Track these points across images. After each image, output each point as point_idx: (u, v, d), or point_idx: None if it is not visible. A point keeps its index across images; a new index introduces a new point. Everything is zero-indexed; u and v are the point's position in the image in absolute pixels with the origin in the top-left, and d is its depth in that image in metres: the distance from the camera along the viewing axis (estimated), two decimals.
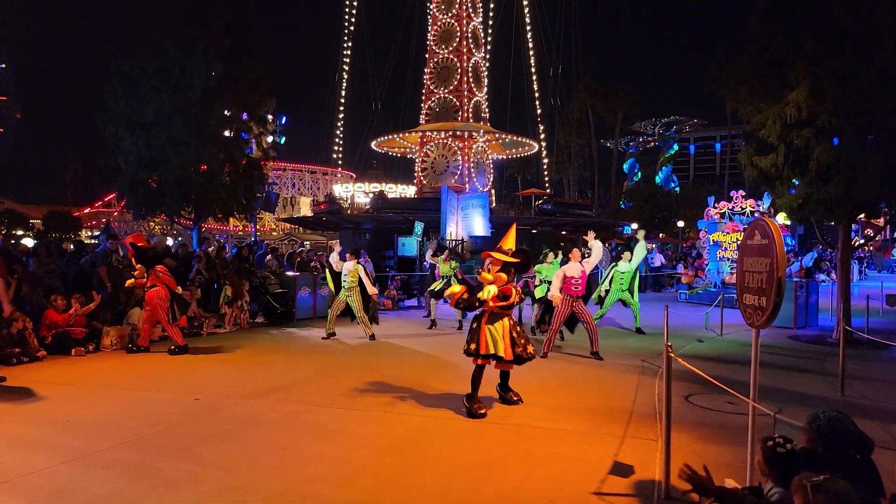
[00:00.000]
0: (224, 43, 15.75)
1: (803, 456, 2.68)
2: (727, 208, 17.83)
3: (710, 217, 18.21)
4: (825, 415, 2.79)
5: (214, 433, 5.04)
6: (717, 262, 17.70)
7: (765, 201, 16.90)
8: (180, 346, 8.63)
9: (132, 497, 3.74)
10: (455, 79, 32.65)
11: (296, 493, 3.78)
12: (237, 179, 17.17)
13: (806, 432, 2.79)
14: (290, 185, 62.97)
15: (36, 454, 4.47)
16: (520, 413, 5.72)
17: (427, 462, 4.38)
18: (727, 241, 17.47)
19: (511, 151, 37.84)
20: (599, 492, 3.85)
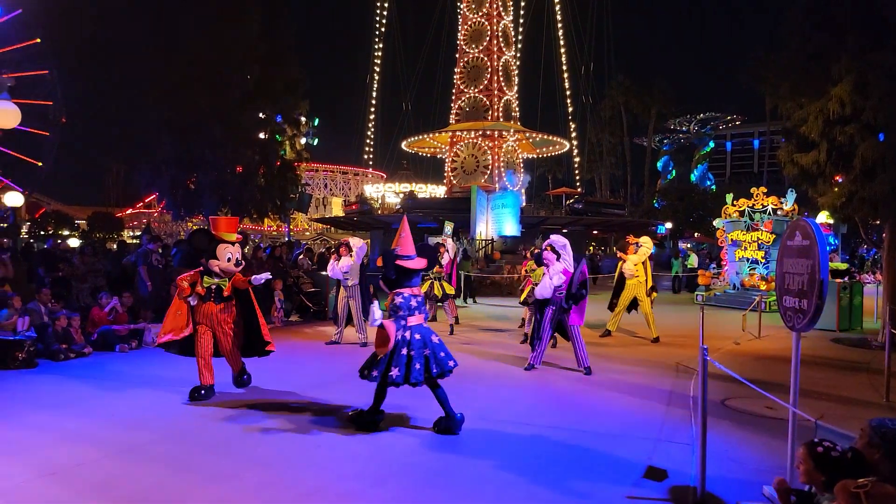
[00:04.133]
0: (260, 47, 16.08)
1: (852, 460, 2.62)
2: (747, 206, 17.20)
3: (729, 215, 17.60)
4: (894, 424, 2.70)
5: (252, 429, 5.16)
6: (736, 263, 17.11)
7: (788, 198, 16.31)
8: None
9: (174, 490, 3.87)
10: (485, 78, 32.57)
11: (331, 491, 3.85)
12: (272, 180, 17.52)
13: (866, 436, 2.70)
14: (323, 185, 63.78)
15: (83, 447, 4.65)
16: (551, 414, 5.70)
17: (456, 462, 4.40)
18: (747, 241, 16.87)
19: (542, 150, 37.53)
20: (633, 496, 3.82)
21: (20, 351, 7.58)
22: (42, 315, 8.34)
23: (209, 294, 6.08)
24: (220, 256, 6.08)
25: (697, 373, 4.30)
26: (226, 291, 6.14)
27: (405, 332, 5.07)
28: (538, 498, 3.76)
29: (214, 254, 6.07)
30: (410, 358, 5.02)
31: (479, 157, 32.64)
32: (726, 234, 17.49)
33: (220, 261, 6.06)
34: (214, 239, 6.15)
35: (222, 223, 6.32)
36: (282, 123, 17.73)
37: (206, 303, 6.07)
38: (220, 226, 6.26)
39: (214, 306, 6.11)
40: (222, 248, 6.10)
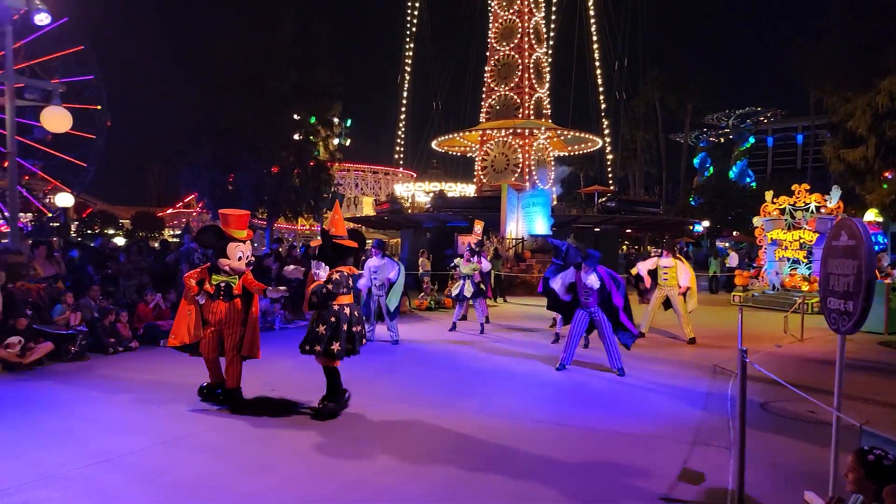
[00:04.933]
0: (295, 52, 16.40)
1: None
2: (788, 204, 16.65)
3: (769, 213, 17.06)
4: None
5: (292, 423, 5.31)
6: (776, 263, 16.60)
7: (833, 196, 15.74)
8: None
9: (219, 479, 4.02)
10: (516, 75, 32.41)
11: (370, 484, 3.94)
12: (306, 181, 17.85)
13: None
14: (354, 185, 64.47)
15: (133, 437, 4.86)
16: (584, 415, 5.68)
17: (492, 460, 4.44)
18: (788, 240, 16.34)
19: (573, 148, 37.14)
20: (668, 497, 3.79)
21: (73, 344, 7.95)
22: (92, 311, 8.70)
23: (218, 292, 5.81)
24: (231, 255, 5.80)
25: (736, 374, 4.24)
26: (236, 289, 5.87)
27: (344, 308, 5.45)
28: (570, 497, 3.78)
29: (224, 252, 5.79)
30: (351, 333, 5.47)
31: (509, 156, 32.51)
32: (765, 232, 17.01)
33: (230, 259, 5.79)
34: (224, 236, 5.86)
35: (232, 219, 5.98)
36: (315, 125, 18.05)
37: (214, 301, 5.80)
38: (230, 221, 5.94)
39: (223, 304, 5.83)
40: (233, 246, 5.82)
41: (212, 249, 5.94)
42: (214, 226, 6.15)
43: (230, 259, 5.79)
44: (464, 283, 11.15)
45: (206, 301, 5.81)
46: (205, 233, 6.12)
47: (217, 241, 5.85)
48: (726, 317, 13.07)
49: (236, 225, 5.94)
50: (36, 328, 7.87)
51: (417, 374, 7.56)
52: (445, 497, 3.77)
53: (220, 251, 5.81)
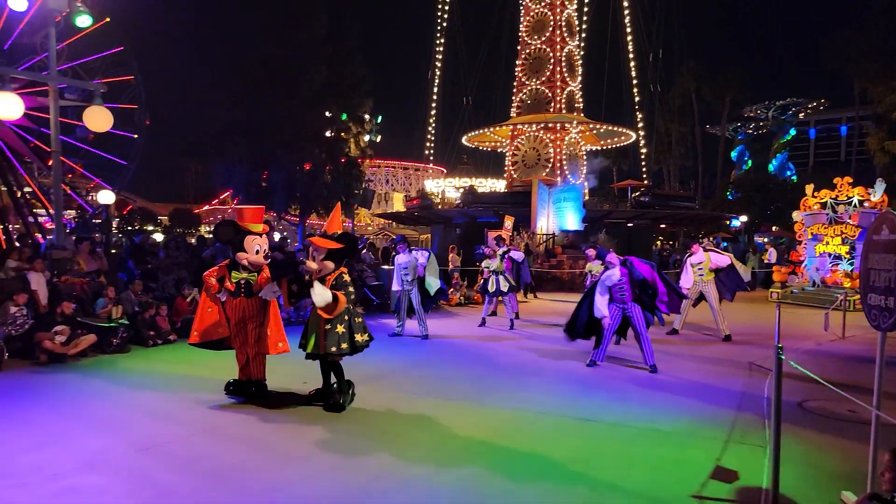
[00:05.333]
0: (327, 48, 16.59)
1: None
2: (829, 197, 16.04)
3: (810, 207, 16.46)
4: None
5: (323, 415, 5.41)
6: (816, 258, 16.03)
7: (877, 189, 15.10)
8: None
9: (252, 468, 4.13)
10: (547, 69, 32.09)
11: (398, 475, 3.99)
12: (337, 177, 18.06)
13: None
14: (385, 181, 64.90)
15: (171, 426, 5.03)
16: (615, 410, 5.63)
17: (520, 455, 4.45)
18: (829, 235, 15.75)
19: (606, 142, 36.60)
20: (700, 495, 3.74)
21: (115, 337, 8.25)
22: (133, 304, 9.01)
23: (238, 290, 5.78)
24: (249, 249, 5.76)
25: (772, 372, 4.15)
26: (255, 286, 5.81)
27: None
28: (600, 494, 3.76)
29: (241, 246, 5.76)
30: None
31: (540, 151, 32.25)
32: (805, 227, 16.47)
33: (248, 253, 5.75)
34: (241, 230, 5.82)
35: (248, 213, 5.98)
36: (347, 121, 18.24)
37: (236, 298, 5.78)
38: (245, 216, 5.93)
39: (245, 301, 5.79)
40: (250, 239, 5.78)
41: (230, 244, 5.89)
42: (231, 221, 6.12)
43: (248, 252, 5.78)
44: (497, 279, 11.14)
45: (227, 299, 5.81)
46: (222, 227, 6.09)
47: (234, 236, 5.83)
48: (764, 314, 12.73)
49: (252, 219, 5.94)
50: (80, 321, 8.20)
51: (447, 368, 7.60)
52: (473, 489, 3.79)
53: (237, 246, 5.80)
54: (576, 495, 3.73)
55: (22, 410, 5.55)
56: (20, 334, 7.82)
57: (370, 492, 3.73)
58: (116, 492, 3.72)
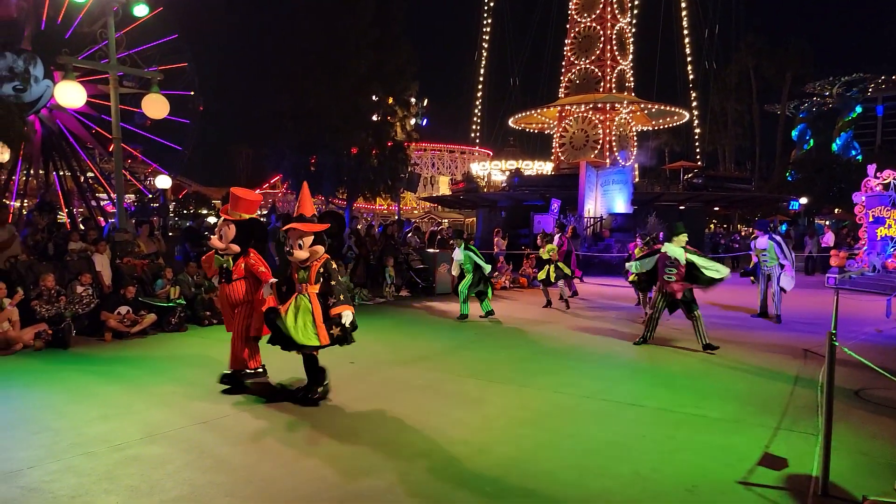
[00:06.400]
0: (373, 33, 16.68)
1: None
2: (893, 178, 15.04)
3: (872, 189, 15.48)
4: None
5: (369, 394, 5.56)
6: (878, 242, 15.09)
7: None
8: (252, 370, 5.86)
9: (302, 443, 4.30)
10: (597, 48, 31.26)
11: (440, 454, 4.08)
12: (383, 161, 18.24)
13: None
14: (430, 164, 64.99)
15: (226, 401, 5.28)
16: (660, 396, 5.55)
17: (563, 436, 4.46)
18: (892, 218, 14.81)
19: (658, 122, 35.48)
20: (746, 481, 3.67)
21: (173, 316, 8.67)
22: (190, 285, 9.42)
23: (221, 275, 5.68)
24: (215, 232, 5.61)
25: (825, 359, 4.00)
26: (234, 272, 5.59)
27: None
28: (643, 478, 3.73)
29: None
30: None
31: (588, 132, 31.57)
32: (867, 209, 15.58)
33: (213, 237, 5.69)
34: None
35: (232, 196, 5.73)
36: (393, 105, 18.34)
37: (220, 284, 5.74)
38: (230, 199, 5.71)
39: (226, 287, 5.67)
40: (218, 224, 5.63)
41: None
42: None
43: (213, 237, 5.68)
44: (548, 270, 11.12)
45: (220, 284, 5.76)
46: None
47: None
48: (821, 300, 12.21)
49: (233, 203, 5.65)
50: (141, 301, 8.65)
51: (490, 351, 7.65)
52: (516, 469, 3.83)
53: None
54: (618, 477, 3.72)
55: (89, 384, 5.93)
56: (86, 313, 8.32)
57: (415, 469, 3.82)
58: (175, 462, 3.95)
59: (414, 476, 3.72)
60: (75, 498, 3.39)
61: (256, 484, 3.61)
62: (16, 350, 7.27)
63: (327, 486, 3.57)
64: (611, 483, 3.65)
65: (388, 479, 3.65)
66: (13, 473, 3.70)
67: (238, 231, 5.59)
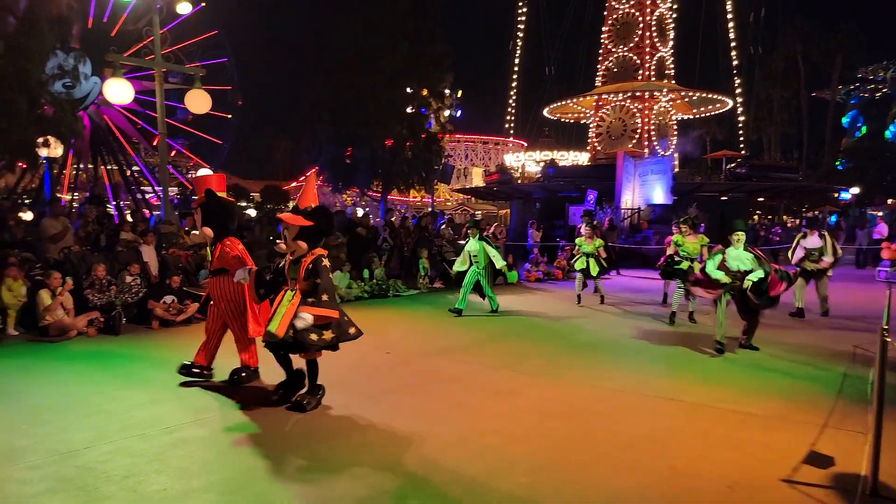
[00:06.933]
0: (409, 25, 16.71)
1: None
2: None
3: None
4: None
5: (402, 384, 5.63)
6: None
7: None
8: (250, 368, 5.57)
9: (340, 430, 4.39)
10: (636, 34, 30.55)
11: (472, 444, 4.10)
12: (417, 153, 18.31)
13: None
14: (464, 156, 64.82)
15: (265, 389, 5.42)
16: (698, 391, 5.45)
17: (596, 429, 4.43)
18: None
19: (699, 110, 34.51)
20: (790, 479, 3.57)
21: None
22: None
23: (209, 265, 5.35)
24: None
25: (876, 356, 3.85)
26: (214, 262, 5.36)
27: None
28: (679, 473, 3.68)
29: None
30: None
31: (626, 121, 30.96)
32: None
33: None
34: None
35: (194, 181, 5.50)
36: (427, 97, 18.36)
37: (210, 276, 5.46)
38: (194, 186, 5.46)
39: (212, 279, 5.39)
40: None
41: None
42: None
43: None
44: (588, 261, 10.85)
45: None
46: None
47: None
48: (873, 295, 11.72)
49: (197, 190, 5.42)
50: (185, 290, 8.93)
51: (523, 343, 7.64)
52: (548, 461, 3.83)
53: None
54: (653, 472, 3.68)
55: (138, 370, 6.18)
56: (135, 301, 8.65)
57: (445, 458, 3.86)
58: (222, 444, 4.10)
59: (447, 464, 3.76)
60: (128, 478, 3.55)
61: (303, 465, 3.71)
62: (71, 336, 7.63)
63: (362, 472, 3.64)
64: (646, 478, 3.61)
65: (421, 468, 3.70)
66: (70, 454, 3.90)
67: (203, 213, 5.22)
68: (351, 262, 11.80)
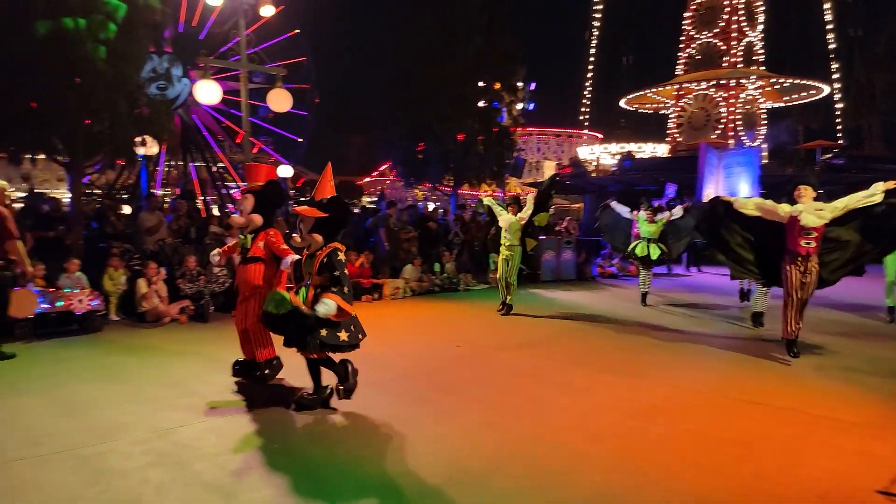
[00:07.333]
0: (482, 19, 16.66)
1: None
2: None
3: None
4: None
5: (474, 377, 5.66)
6: None
7: None
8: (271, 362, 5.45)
9: (411, 419, 4.47)
10: (722, 19, 28.94)
11: (548, 439, 4.07)
12: (489, 147, 18.24)
13: None
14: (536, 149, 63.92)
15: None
16: (790, 395, 5.13)
17: (678, 431, 4.27)
18: None
19: (791, 97, 32.28)
20: (888, 492, 3.31)
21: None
22: None
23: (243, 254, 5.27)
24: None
25: None
26: (251, 251, 5.18)
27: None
28: (766, 479, 3.49)
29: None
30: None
31: (710, 110, 29.47)
32: None
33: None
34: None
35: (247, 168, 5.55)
36: (500, 91, 18.25)
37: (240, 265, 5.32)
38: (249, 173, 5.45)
39: (242, 268, 5.26)
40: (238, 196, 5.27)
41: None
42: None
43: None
44: (648, 247, 10.03)
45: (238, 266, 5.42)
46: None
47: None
48: None
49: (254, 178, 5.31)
50: None
51: (596, 340, 7.48)
52: (629, 460, 3.73)
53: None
54: (739, 478, 3.51)
55: (227, 355, 6.50)
56: (222, 291, 9.17)
57: (521, 452, 3.85)
58: (309, 423, 4.28)
59: (522, 458, 3.75)
60: (218, 455, 3.79)
61: (386, 446, 3.84)
62: (164, 322, 8.22)
63: (438, 459, 3.70)
64: (730, 483, 3.45)
65: (496, 460, 3.71)
66: (168, 431, 4.21)
67: (256, 199, 5.07)
68: (422, 255, 11.98)
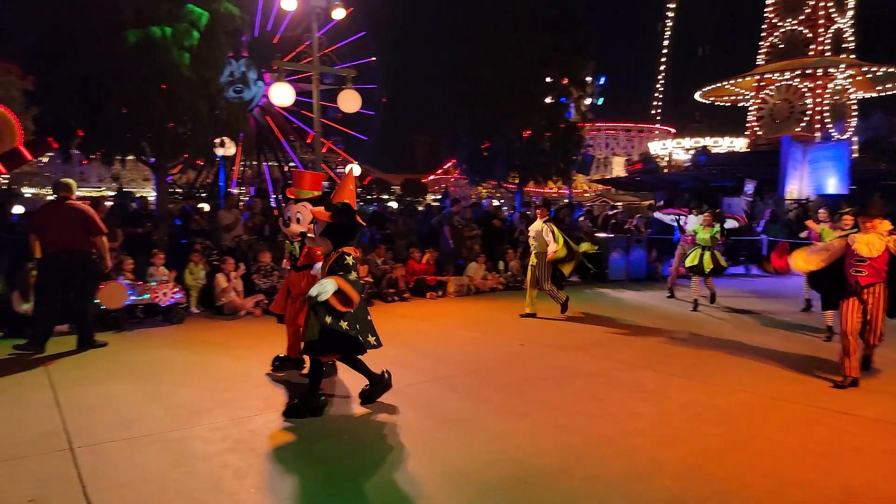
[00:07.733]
0: (550, 14, 16.42)
1: None
2: None
3: None
4: None
5: (538, 376, 5.60)
6: None
7: None
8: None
9: (474, 417, 4.49)
10: (807, 6, 27.21)
11: (617, 443, 3.97)
12: (556, 144, 17.95)
13: None
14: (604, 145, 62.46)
15: (407, 372, 5.67)
16: (881, 405, 4.77)
17: (755, 439, 4.06)
18: None
19: (885, 87, 29.94)
20: None
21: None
22: (378, 265, 10.29)
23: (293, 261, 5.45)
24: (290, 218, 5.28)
25: None
26: (300, 259, 5.34)
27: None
28: (854, 494, 3.26)
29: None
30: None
31: (794, 102, 27.79)
32: None
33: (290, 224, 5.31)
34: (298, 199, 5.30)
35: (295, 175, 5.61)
36: (567, 86, 17.93)
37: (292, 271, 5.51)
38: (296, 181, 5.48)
39: (293, 275, 5.46)
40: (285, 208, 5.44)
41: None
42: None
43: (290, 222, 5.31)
44: (702, 255, 9.37)
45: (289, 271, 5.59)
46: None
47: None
48: None
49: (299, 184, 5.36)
50: None
51: (665, 341, 7.21)
52: (699, 468, 3.58)
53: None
54: (823, 491, 3.30)
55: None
56: None
57: (589, 454, 3.78)
58: (366, 417, 4.38)
59: (589, 461, 3.68)
60: (294, 444, 3.95)
61: (450, 443, 3.87)
62: (240, 316, 8.63)
63: (503, 457, 3.69)
64: (812, 495, 3.25)
65: (563, 461, 3.66)
66: (244, 419, 4.42)
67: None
68: (486, 253, 11.95)
